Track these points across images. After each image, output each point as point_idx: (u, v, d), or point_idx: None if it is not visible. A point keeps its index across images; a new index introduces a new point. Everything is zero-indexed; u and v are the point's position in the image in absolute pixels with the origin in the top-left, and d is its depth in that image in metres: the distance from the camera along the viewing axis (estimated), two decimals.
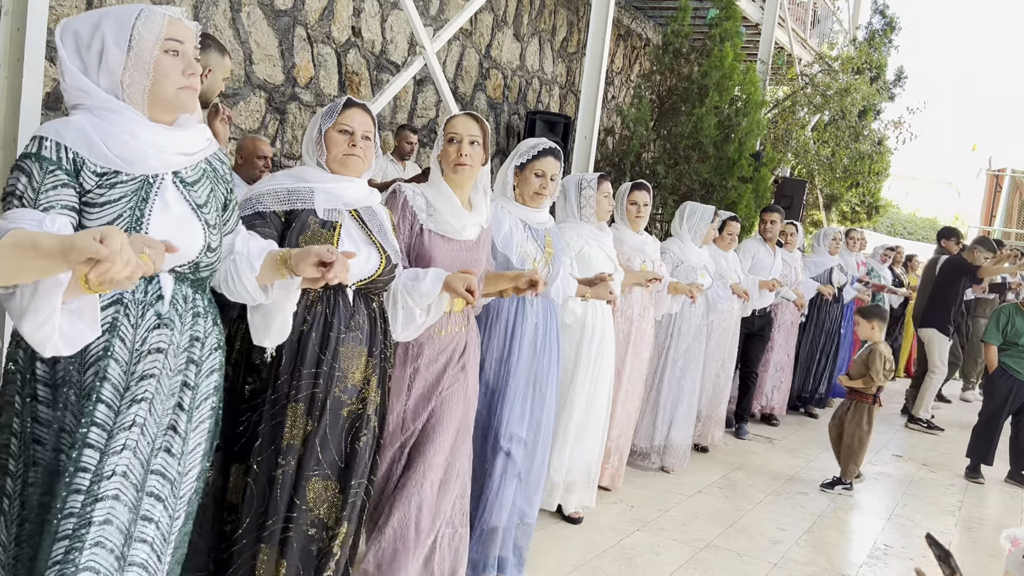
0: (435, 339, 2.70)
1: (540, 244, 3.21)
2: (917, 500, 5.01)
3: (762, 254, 5.99)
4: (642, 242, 4.40)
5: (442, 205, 2.68)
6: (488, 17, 7.60)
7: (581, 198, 3.84)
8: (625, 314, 4.27)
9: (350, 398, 2.31)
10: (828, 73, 10.17)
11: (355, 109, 2.37)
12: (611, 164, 8.26)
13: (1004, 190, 20.17)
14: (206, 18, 5.00)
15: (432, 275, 2.46)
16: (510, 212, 3.17)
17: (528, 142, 3.22)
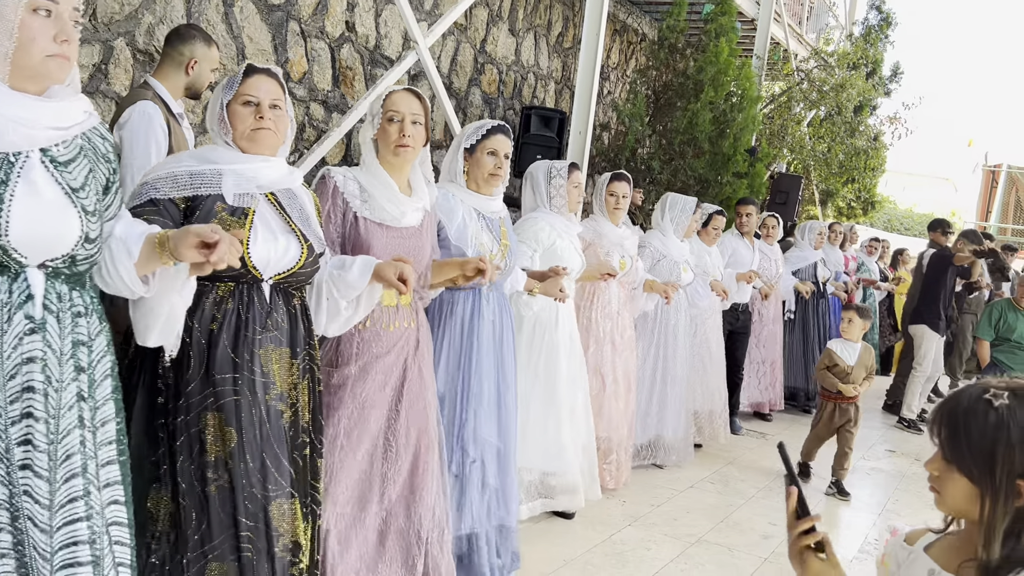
0: (381, 336, 2.48)
1: (495, 235, 3.00)
2: (908, 495, 5.02)
3: (741, 248, 5.90)
4: (621, 236, 4.25)
5: (378, 191, 2.46)
6: (483, 12, 7.59)
7: (551, 187, 3.66)
8: (605, 311, 4.16)
9: (284, 405, 2.08)
10: (824, 69, 10.18)
11: (258, 76, 2.08)
12: (606, 159, 8.26)
13: (1000, 186, 20.21)
14: (199, 13, 4.99)
15: (360, 264, 2.23)
16: (463, 201, 2.94)
17: (474, 123, 3.02)
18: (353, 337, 2.43)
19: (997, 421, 1.17)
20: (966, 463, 1.20)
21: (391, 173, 2.50)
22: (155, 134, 2.94)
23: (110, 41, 4.53)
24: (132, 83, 4.64)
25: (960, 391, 1.24)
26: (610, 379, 4.17)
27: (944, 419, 1.24)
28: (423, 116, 2.50)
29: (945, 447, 1.23)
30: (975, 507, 1.20)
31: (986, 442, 1.18)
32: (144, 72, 4.69)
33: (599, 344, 4.11)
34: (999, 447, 1.17)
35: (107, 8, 4.48)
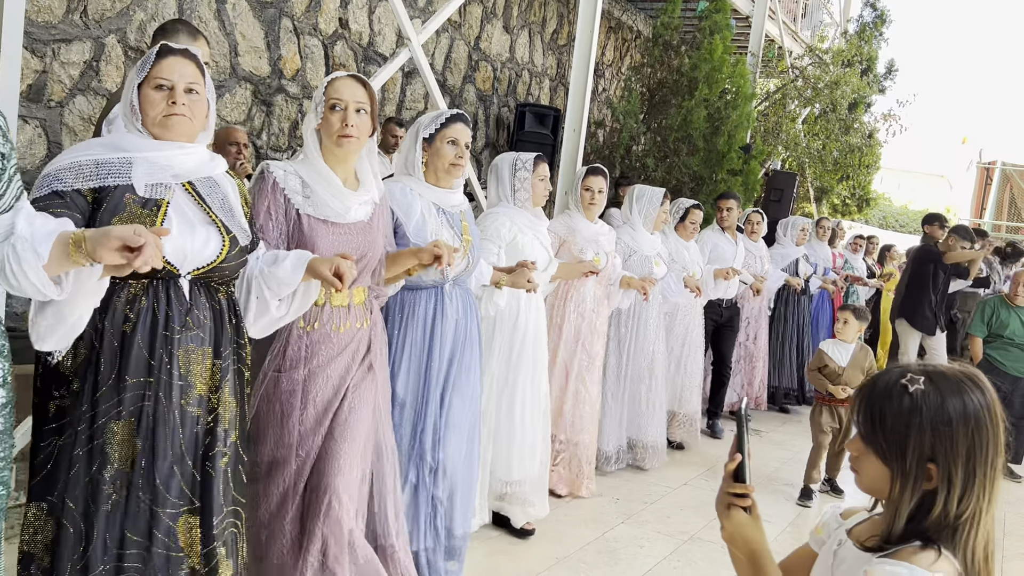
0: (332, 337, 2.35)
1: (456, 231, 2.86)
2: None
3: (722, 244, 5.69)
4: (596, 232, 4.08)
5: (320, 185, 2.31)
6: (477, 9, 7.57)
7: (516, 180, 3.48)
8: (578, 309, 4.00)
9: (200, 410, 1.92)
10: (818, 66, 10.18)
11: (173, 58, 1.91)
12: (601, 157, 8.25)
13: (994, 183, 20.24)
14: (191, 9, 4.97)
15: (293, 259, 2.07)
16: (421, 195, 2.79)
17: (430, 113, 2.86)
18: (302, 339, 2.32)
19: (911, 406, 1.19)
20: (880, 445, 1.22)
21: (335, 166, 2.35)
22: None
23: (101, 38, 4.51)
24: (123, 80, 4.62)
25: (879, 375, 1.27)
26: (574, 379, 4.00)
27: (863, 402, 1.26)
28: (369, 104, 2.33)
29: (862, 429, 1.25)
30: (887, 487, 1.24)
31: (899, 426, 1.20)
32: None
33: (569, 343, 3.98)
34: (911, 431, 1.19)
35: (99, 5, 4.46)
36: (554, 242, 3.92)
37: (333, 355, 2.35)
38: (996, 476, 1.20)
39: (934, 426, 1.18)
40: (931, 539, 1.19)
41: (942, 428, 1.18)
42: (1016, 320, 5.52)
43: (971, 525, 1.19)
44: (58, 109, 4.38)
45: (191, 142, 1.96)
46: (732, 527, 1.32)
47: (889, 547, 1.21)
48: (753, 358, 6.33)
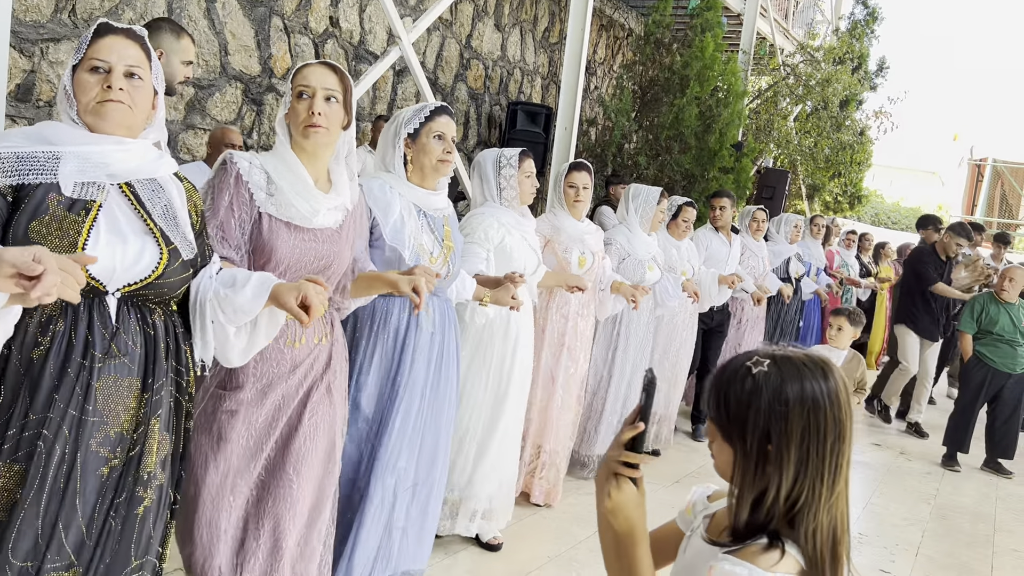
0: (285, 353, 2.10)
1: (438, 236, 2.63)
2: (893, 488, 5.04)
3: (716, 244, 5.49)
4: (582, 231, 3.87)
5: (287, 181, 2.05)
6: (468, 7, 7.56)
7: (501, 178, 3.28)
8: (560, 311, 3.81)
9: (112, 451, 1.62)
10: (810, 63, 10.21)
11: (112, 37, 1.67)
12: (593, 155, 8.25)
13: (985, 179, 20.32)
14: (180, 8, 4.95)
15: (255, 284, 1.76)
16: (401, 195, 2.56)
17: (410, 107, 2.65)
18: None
19: (752, 387, 1.19)
20: (724, 427, 1.23)
21: (306, 161, 2.10)
22: None
23: None
24: None
25: (730, 360, 1.27)
26: (560, 388, 3.84)
27: (712, 385, 1.26)
28: (341, 93, 2.08)
29: (711, 412, 1.26)
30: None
31: (740, 407, 1.20)
32: None
33: (552, 348, 3.81)
34: (750, 412, 1.19)
35: (87, 4, 4.44)
36: (539, 242, 3.75)
37: (285, 372, 2.09)
38: (838, 465, 1.20)
39: (771, 406, 1.18)
40: (776, 535, 1.19)
41: (778, 408, 1.18)
42: (1005, 316, 5.54)
43: (809, 512, 1.18)
44: (47, 109, 4.36)
45: (132, 136, 1.69)
46: (619, 498, 1.25)
47: (735, 543, 1.20)
48: None
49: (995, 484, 5.50)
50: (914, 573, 3.76)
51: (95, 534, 1.62)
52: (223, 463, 2.05)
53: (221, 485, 2.06)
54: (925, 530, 4.35)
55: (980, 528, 4.52)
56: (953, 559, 4.00)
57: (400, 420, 2.56)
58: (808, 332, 7.07)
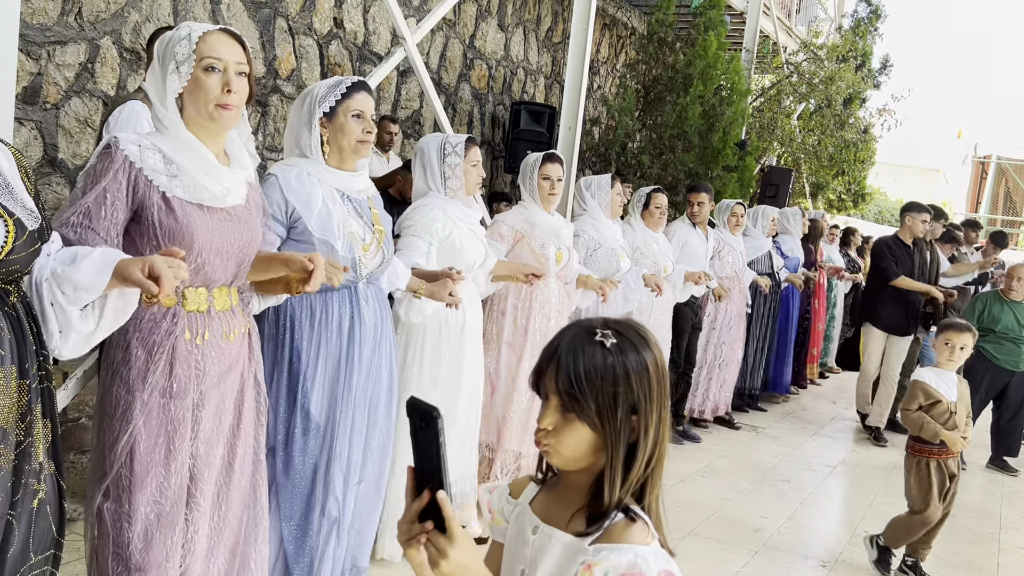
0: (223, 348, 1.97)
1: (367, 220, 2.47)
2: (897, 487, 5.03)
3: (692, 240, 5.36)
4: (556, 225, 3.73)
5: (189, 161, 1.87)
6: (472, 7, 7.58)
7: (445, 166, 3.08)
8: (543, 311, 3.70)
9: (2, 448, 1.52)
10: (813, 61, 10.20)
11: None
12: (597, 154, 8.26)
13: (990, 177, 20.28)
14: (185, 10, 4.97)
15: (96, 259, 1.62)
16: (321, 180, 2.38)
17: (323, 83, 2.42)
18: (192, 355, 1.90)
19: (611, 360, 1.15)
20: (588, 407, 1.15)
21: (205, 141, 1.91)
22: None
23: (96, 40, 4.51)
24: (119, 82, 4.62)
25: (561, 339, 1.19)
26: None
27: (559, 368, 1.17)
28: (248, 67, 1.92)
29: (564, 397, 1.16)
30: (595, 455, 1.18)
31: (607, 384, 1.15)
32: (131, 71, 4.67)
33: (535, 349, 3.64)
34: (619, 384, 1.15)
35: (93, 7, 4.46)
36: (509, 236, 3.69)
37: (224, 370, 1.97)
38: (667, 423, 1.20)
39: (638, 375, 1.16)
40: (627, 508, 1.16)
41: (644, 376, 1.16)
42: (1010, 314, 5.54)
43: (656, 474, 1.19)
44: (53, 111, 4.38)
45: None
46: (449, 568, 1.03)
47: (596, 527, 1.15)
48: (729, 361, 5.90)
49: (1000, 482, 5.50)
50: None
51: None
52: (172, 478, 1.90)
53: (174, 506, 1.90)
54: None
55: (986, 526, 4.53)
56: (959, 557, 4.01)
57: (358, 420, 2.48)
58: (788, 323, 7.02)
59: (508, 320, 3.70)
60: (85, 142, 4.49)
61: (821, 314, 7.94)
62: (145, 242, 1.85)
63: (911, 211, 6.00)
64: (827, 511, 4.44)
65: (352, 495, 2.52)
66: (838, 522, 4.29)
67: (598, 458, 1.18)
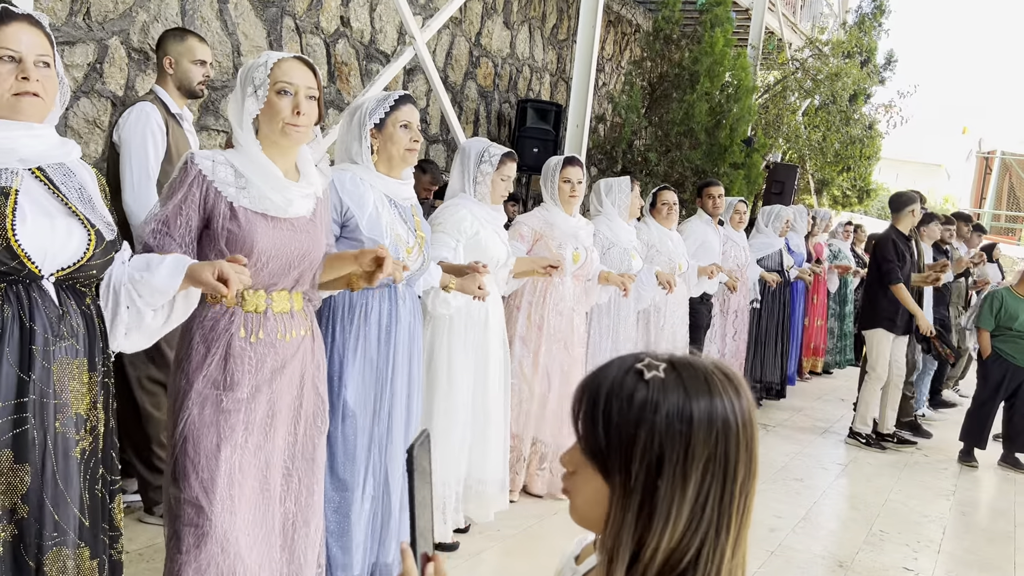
0: (278, 347, 2.08)
1: (410, 226, 2.63)
2: (911, 485, 5.03)
3: (711, 236, 5.40)
4: (575, 226, 3.85)
5: (258, 176, 2.03)
6: (477, 5, 7.55)
7: (478, 172, 3.27)
8: (556, 308, 3.81)
9: (78, 431, 1.69)
10: (818, 58, 10.18)
11: (17, 24, 1.64)
12: (603, 152, 8.24)
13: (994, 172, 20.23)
14: (193, 10, 4.95)
15: (170, 264, 1.79)
16: (373, 186, 2.55)
17: (372, 96, 2.63)
18: (245, 352, 2.03)
19: (644, 398, 0.87)
20: (600, 454, 0.89)
21: (276, 157, 2.07)
22: (151, 130, 3.04)
23: (104, 40, 4.49)
24: (127, 82, 4.60)
25: (610, 363, 0.94)
26: (558, 380, 3.85)
27: (585, 396, 0.92)
28: (318, 91, 2.09)
29: (581, 431, 0.91)
30: (604, 515, 0.90)
31: (626, 425, 0.87)
32: (139, 71, 4.65)
33: (550, 344, 3.81)
34: (640, 431, 0.87)
35: (101, 7, 4.44)
36: (529, 236, 3.79)
37: (278, 367, 2.08)
38: (746, 509, 0.91)
39: (669, 425, 0.87)
40: None
41: (678, 428, 0.87)
42: None
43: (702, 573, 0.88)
44: (63, 112, 4.36)
45: (39, 122, 1.70)
46: None
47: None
48: (737, 355, 5.91)
49: (1013, 480, 5.48)
50: (937, 571, 3.75)
51: (87, 511, 1.70)
52: (224, 464, 2.00)
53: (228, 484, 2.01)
54: (946, 527, 4.34)
55: (1000, 525, 4.51)
56: (975, 556, 3.99)
57: (397, 410, 2.62)
58: (794, 320, 7.05)
59: (522, 316, 3.80)
60: (94, 143, 4.47)
61: (821, 309, 8.01)
62: (212, 246, 2.01)
63: (914, 203, 5.60)
64: (841, 511, 4.42)
65: (397, 484, 2.63)
66: (853, 521, 4.27)
67: None
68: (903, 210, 5.59)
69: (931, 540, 4.11)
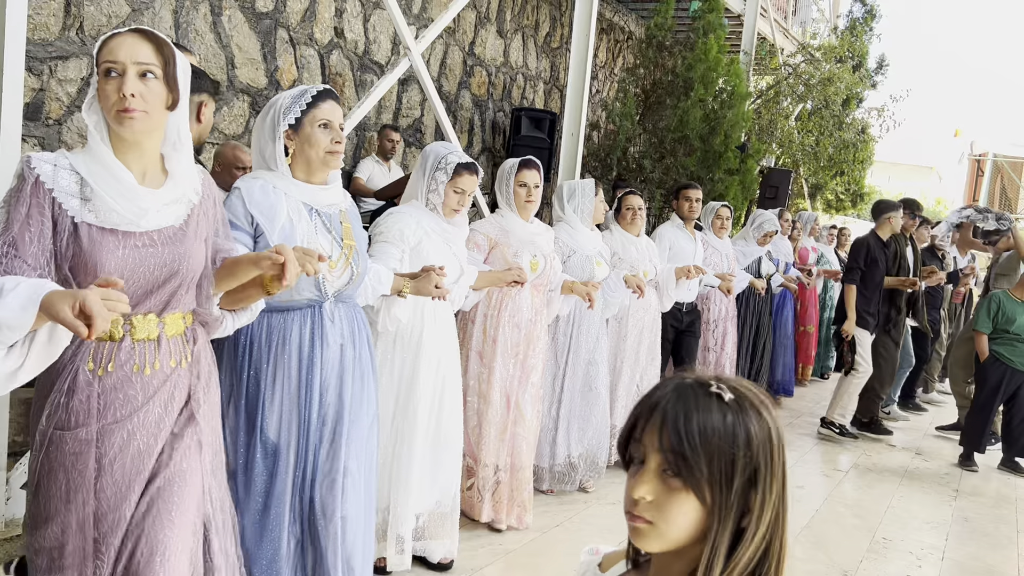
0: (135, 381, 1.76)
1: (336, 235, 2.34)
2: (912, 491, 5.02)
3: (682, 240, 5.08)
4: (532, 232, 3.59)
5: (104, 183, 1.69)
6: (471, 14, 7.54)
7: (433, 180, 2.99)
8: (513, 320, 3.54)
9: None
10: (811, 63, 10.19)
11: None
12: (597, 159, 8.23)
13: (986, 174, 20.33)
14: (186, 23, 4.93)
15: (22, 294, 1.48)
16: (287, 193, 2.28)
17: (288, 93, 2.32)
18: (91, 386, 1.73)
19: (733, 420, 0.96)
20: (699, 475, 0.95)
21: (126, 155, 1.74)
22: None
23: None
24: None
25: (662, 389, 0.99)
26: (516, 399, 3.57)
27: (664, 423, 0.96)
28: (160, 66, 1.71)
29: (671, 458, 0.95)
30: (697, 532, 0.97)
31: (725, 445, 0.95)
32: None
33: (506, 359, 3.53)
34: (738, 450, 0.95)
35: (94, 21, 4.42)
36: (485, 245, 3.53)
37: (137, 406, 1.76)
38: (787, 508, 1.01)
39: (760, 440, 0.96)
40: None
41: (765, 441, 0.97)
42: (1023, 315, 5.51)
43: (777, 566, 0.98)
44: (56, 127, 4.34)
45: None
46: None
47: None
48: (720, 364, 5.68)
49: (1013, 484, 5.47)
50: None
51: None
52: (74, 516, 1.73)
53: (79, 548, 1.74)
54: (948, 533, 4.32)
55: (1003, 530, 4.50)
56: (979, 562, 3.98)
57: (323, 444, 2.34)
58: (779, 328, 6.91)
59: (477, 329, 3.55)
60: None
61: (811, 315, 7.88)
62: (58, 271, 1.70)
63: (889, 210, 5.82)
64: (843, 519, 4.40)
65: (339, 520, 2.35)
66: (856, 529, 4.26)
67: (697, 542, 0.98)
68: (880, 217, 5.84)
69: (934, 547, 4.09)
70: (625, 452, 1.01)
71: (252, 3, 5.38)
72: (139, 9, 4.63)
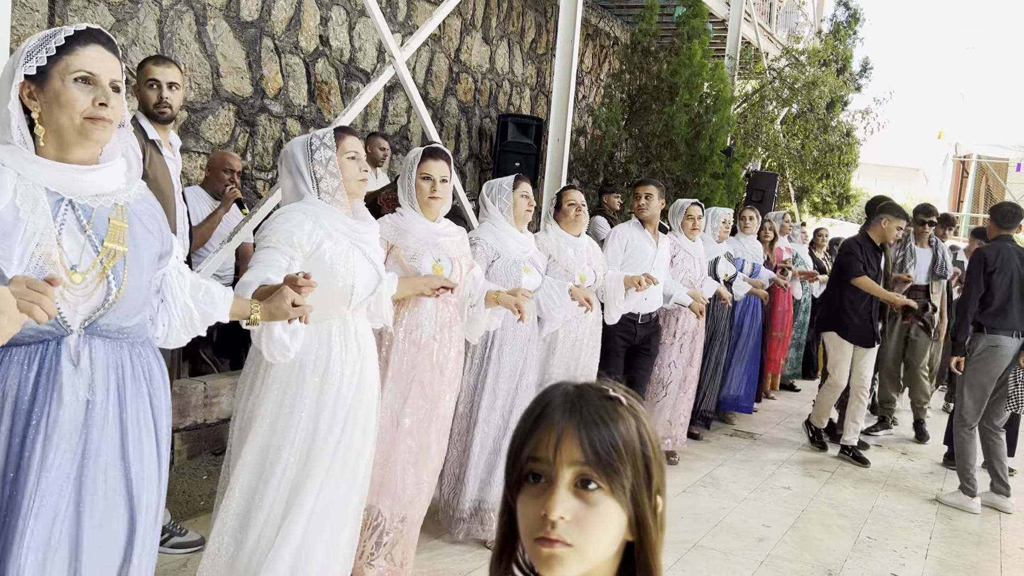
0: None
1: (94, 235, 1.65)
2: (897, 490, 5.06)
3: (639, 241, 4.56)
4: (436, 232, 2.98)
5: None
6: (456, 21, 7.58)
7: (314, 164, 2.43)
8: (410, 336, 2.89)
9: None
10: (795, 66, 10.28)
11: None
12: (584, 164, 8.28)
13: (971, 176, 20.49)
14: (171, 32, 4.94)
15: None
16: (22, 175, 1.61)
17: (34, 36, 1.73)
18: None
19: (636, 423, 0.94)
20: (624, 484, 0.90)
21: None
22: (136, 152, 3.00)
23: None
24: None
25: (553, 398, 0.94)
26: (409, 434, 2.90)
27: (584, 435, 0.90)
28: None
29: (595, 471, 0.89)
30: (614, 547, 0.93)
31: (639, 449, 0.92)
32: None
33: (399, 384, 2.88)
34: (649, 453, 0.93)
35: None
36: (381, 247, 2.81)
37: None
38: None
39: (655, 445, 0.95)
40: None
41: (655, 442, 0.96)
42: None
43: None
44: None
45: None
46: None
47: None
48: (687, 383, 5.16)
49: None
50: (925, 575, 3.78)
51: None
52: None
53: None
54: (932, 531, 4.37)
55: (986, 527, 4.54)
56: (962, 560, 4.02)
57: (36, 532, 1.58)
58: (747, 338, 6.18)
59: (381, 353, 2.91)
60: None
61: (786, 320, 7.21)
62: None
63: (889, 213, 5.40)
64: (829, 518, 4.44)
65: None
66: (841, 528, 4.30)
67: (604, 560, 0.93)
68: (872, 219, 5.53)
69: (919, 545, 4.13)
70: (512, 474, 0.93)
71: (237, 12, 5.40)
72: (123, 19, 4.64)
